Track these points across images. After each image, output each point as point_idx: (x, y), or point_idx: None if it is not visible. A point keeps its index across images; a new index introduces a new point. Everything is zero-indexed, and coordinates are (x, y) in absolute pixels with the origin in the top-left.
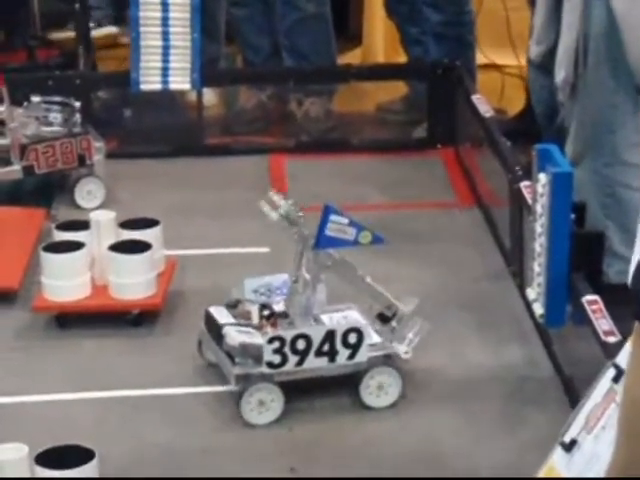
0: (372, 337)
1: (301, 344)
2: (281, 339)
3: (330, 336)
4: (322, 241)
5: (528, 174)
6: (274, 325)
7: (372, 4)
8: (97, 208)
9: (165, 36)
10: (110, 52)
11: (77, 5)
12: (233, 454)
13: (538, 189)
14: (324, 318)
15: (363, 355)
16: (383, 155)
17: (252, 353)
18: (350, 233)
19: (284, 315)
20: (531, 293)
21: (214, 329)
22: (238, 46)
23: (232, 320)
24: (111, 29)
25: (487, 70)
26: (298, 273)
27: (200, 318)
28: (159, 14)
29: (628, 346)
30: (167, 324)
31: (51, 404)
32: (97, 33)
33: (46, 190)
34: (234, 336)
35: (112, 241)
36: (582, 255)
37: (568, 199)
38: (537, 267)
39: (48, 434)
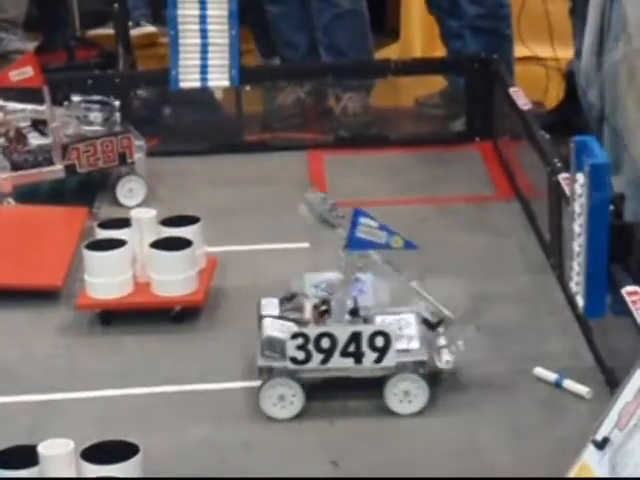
0: (412, 342)
1: (325, 342)
2: (305, 336)
3: (356, 337)
4: (353, 242)
5: (567, 166)
6: (323, 322)
7: None
8: (138, 206)
9: (203, 34)
10: (149, 51)
11: (116, 5)
12: (275, 448)
13: (576, 189)
14: (378, 319)
15: (391, 360)
16: (422, 149)
17: (278, 347)
18: (381, 236)
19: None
20: (573, 287)
21: (259, 320)
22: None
23: (277, 313)
24: (150, 29)
25: (526, 63)
26: (336, 273)
27: (242, 314)
28: (197, 12)
29: None
30: (209, 320)
31: (95, 400)
32: (135, 33)
33: (88, 189)
34: (266, 328)
35: (153, 238)
36: (621, 246)
37: (606, 190)
38: (577, 267)
39: (93, 430)
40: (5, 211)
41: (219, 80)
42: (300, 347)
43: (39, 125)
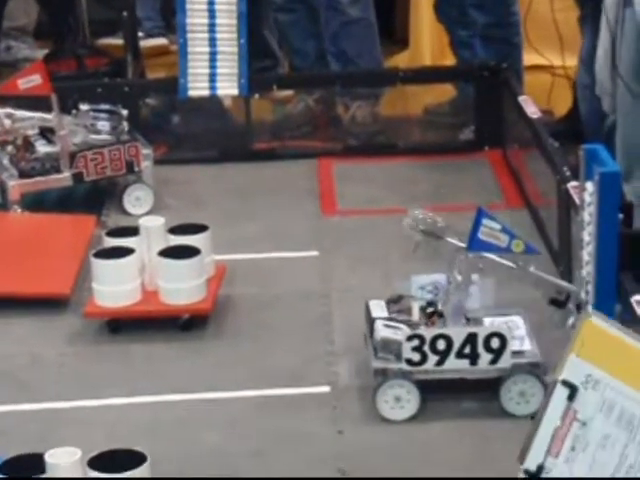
0: (524, 344)
1: (441, 344)
2: (421, 337)
3: (472, 339)
4: (474, 245)
5: (576, 175)
6: (432, 323)
7: (418, 7)
8: (146, 214)
9: (212, 42)
10: (158, 59)
11: (125, 13)
12: (283, 457)
13: (586, 198)
14: (486, 321)
15: (506, 361)
16: (430, 158)
17: (393, 349)
18: (502, 240)
19: (442, 315)
20: (582, 295)
21: (369, 322)
22: (285, 51)
23: (386, 315)
24: (161, 40)
25: (535, 71)
26: (451, 275)
27: (250, 322)
28: (206, 20)
29: (572, 358)
30: (217, 329)
31: (103, 409)
32: (146, 44)
33: (95, 197)
34: (379, 330)
35: (162, 247)
36: (630, 255)
37: (616, 198)
38: (585, 274)
39: (100, 438)
40: (13, 219)
41: (228, 89)
42: (416, 349)
43: (47, 133)
